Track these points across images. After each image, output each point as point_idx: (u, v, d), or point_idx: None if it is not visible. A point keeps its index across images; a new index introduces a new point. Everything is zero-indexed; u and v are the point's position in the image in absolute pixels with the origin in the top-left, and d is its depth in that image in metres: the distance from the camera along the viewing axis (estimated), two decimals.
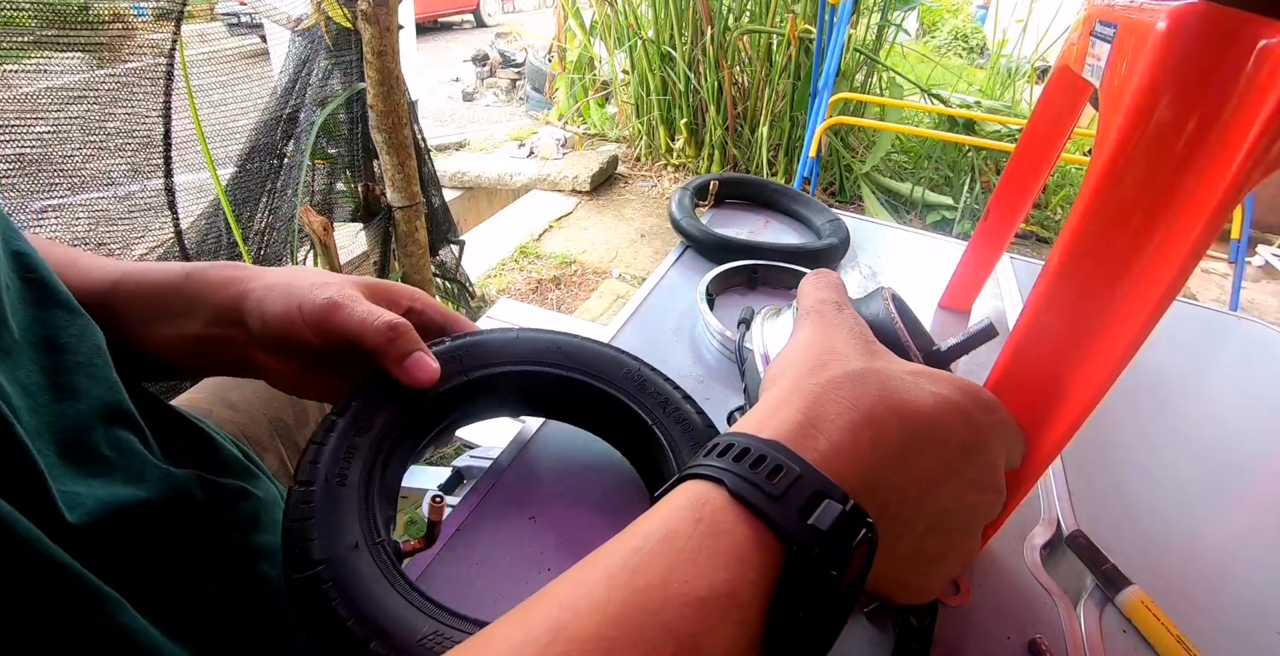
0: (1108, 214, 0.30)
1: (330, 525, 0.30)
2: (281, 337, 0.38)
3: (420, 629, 0.28)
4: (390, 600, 0.28)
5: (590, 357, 0.42)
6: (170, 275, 0.40)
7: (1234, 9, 0.25)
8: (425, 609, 0.29)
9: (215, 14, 1.41)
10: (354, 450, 0.34)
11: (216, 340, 0.40)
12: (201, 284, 0.40)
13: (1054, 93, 0.52)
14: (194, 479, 0.38)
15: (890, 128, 2.73)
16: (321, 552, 0.29)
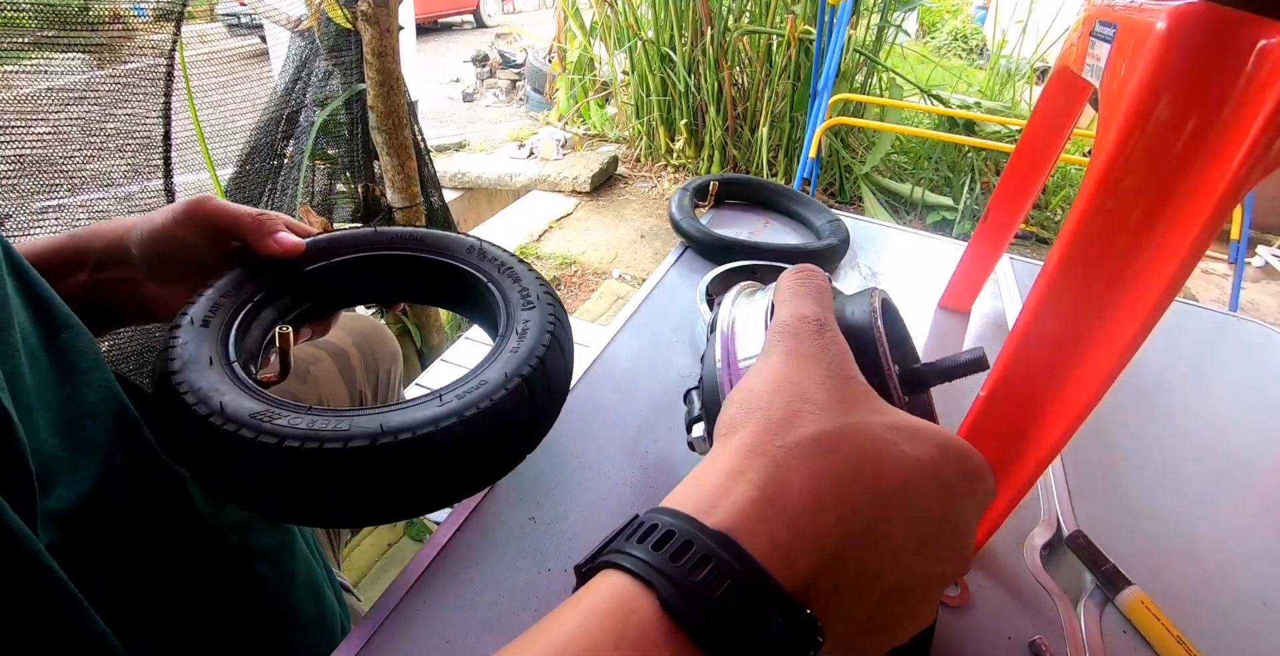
0: (1107, 214, 0.30)
1: (191, 347, 0.36)
2: (162, 251, 0.42)
3: (253, 408, 0.33)
4: (229, 391, 0.34)
5: (437, 239, 0.47)
6: (53, 240, 0.44)
7: (1233, 9, 0.26)
8: (261, 396, 0.34)
9: (215, 15, 1.41)
10: (218, 307, 0.39)
11: (106, 284, 0.43)
12: (80, 238, 0.43)
13: (1054, 93, 0.52)
14: (188, 477, 0.38)
15: (890, 128, 2.73)
16: (179, 365, 0.35)
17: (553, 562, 0.40)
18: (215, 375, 0.35)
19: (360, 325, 0.75)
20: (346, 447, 0.32)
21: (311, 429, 0.32)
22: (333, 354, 0.68)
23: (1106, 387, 0.31)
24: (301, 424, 0.32)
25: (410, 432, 0.32)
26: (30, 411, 0.31)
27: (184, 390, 0.33)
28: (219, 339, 0.38)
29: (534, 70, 4.22)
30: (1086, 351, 0.32)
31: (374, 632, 0.36)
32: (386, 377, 0.75)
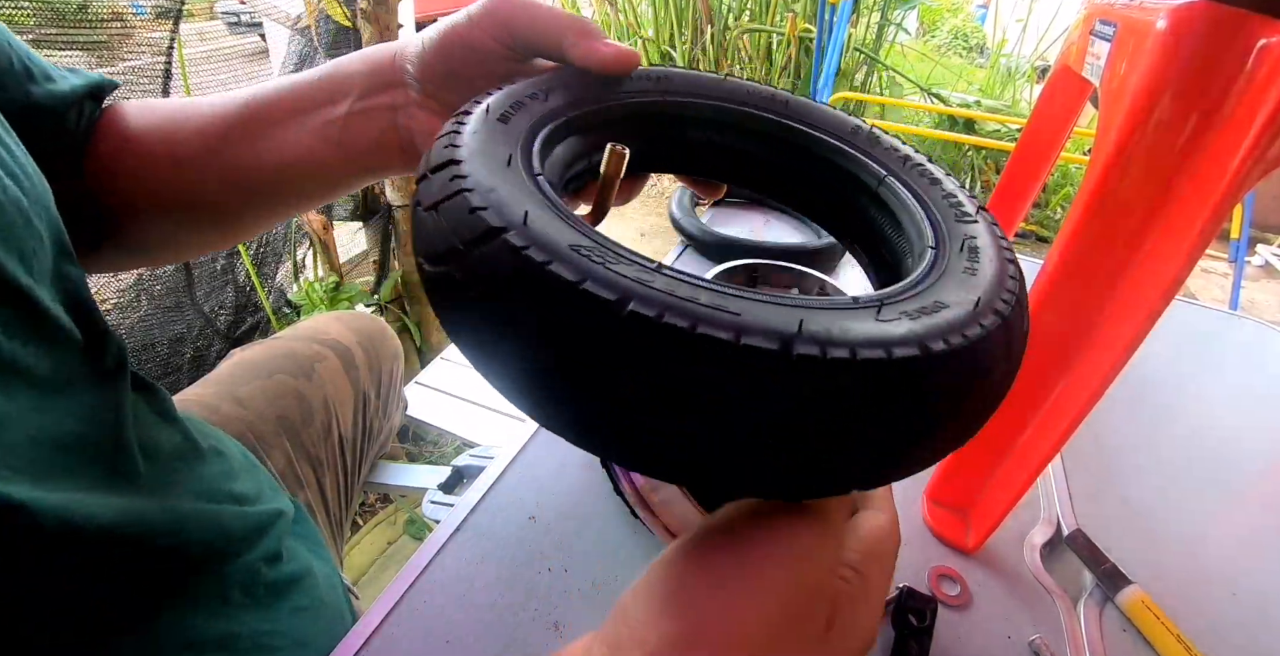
0: (1107, 213, 0.30)
1: (482, 139, 0.24)
2: (446, 62, 0.34)
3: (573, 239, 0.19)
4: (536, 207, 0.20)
5: (808, 108, 0.34)
6: (309, 73, 0.38)
7: (1234, 8, 0.25)
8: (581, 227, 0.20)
9: (215, 13, 1.41)
10: (520, 106, 0.27)
11: (366, 114, 0.37)
12: (349, 61, 0.37)
13: (1054, 92, 0.51)
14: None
15: (890, 127, 2.73)
16: (466, 168, 0.22)
17: (553, 562, 0.40)
18: (515, 180, 0.22)
19: (363, 323, 0.75)
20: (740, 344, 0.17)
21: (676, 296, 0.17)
22: (338, 352, 0.68)
23: (1106, 386, 0.31)
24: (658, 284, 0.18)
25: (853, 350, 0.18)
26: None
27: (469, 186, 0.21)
28: (522, 141, 0.25)
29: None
30: (1086, 350, 0.32)
31: (373, 632, 0.36)
32: (389, 377, 0.75)
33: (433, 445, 1.48)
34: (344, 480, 0.65)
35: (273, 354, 0.65)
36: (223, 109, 0.39)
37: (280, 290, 1.45)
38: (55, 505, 0.27)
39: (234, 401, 0.59)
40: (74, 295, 0.31)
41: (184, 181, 0.40)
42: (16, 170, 0.30)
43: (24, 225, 0.28)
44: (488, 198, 0.20)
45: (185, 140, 0.39)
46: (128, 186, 0.41)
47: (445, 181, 0.21)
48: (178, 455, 0.39)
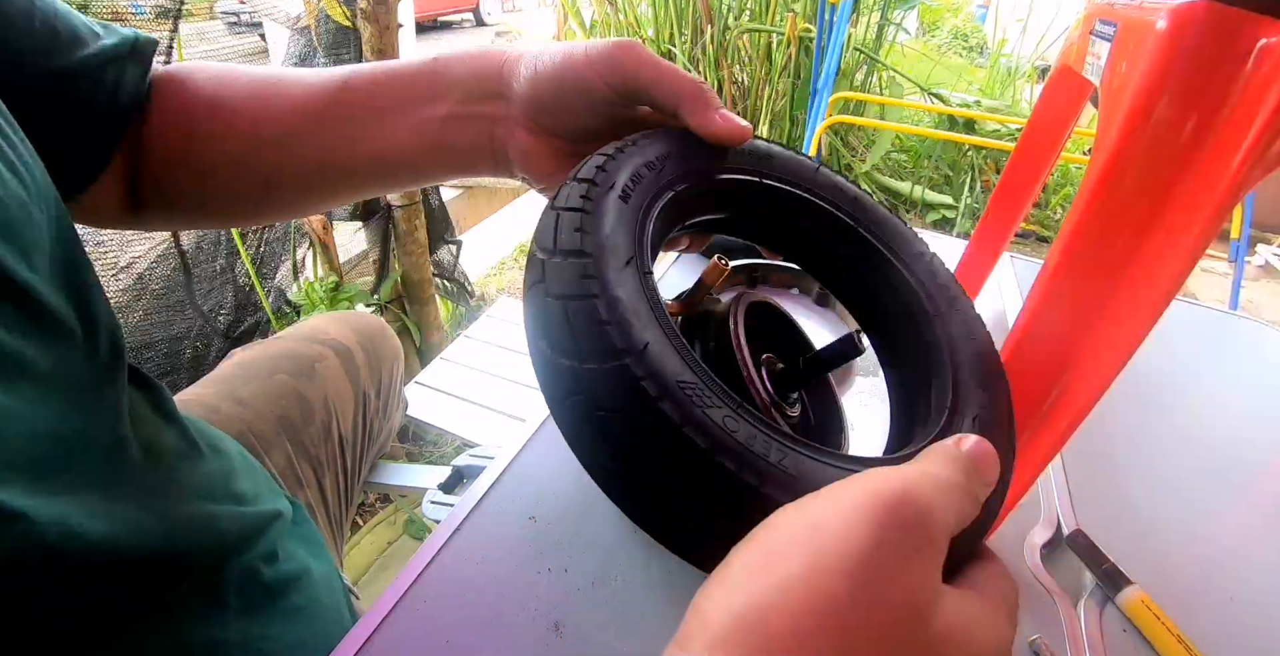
0: (1107, 213, 0.30)
1: (606, 227, 0.25)
2: (556, 93, 0.34)
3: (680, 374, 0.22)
4: (649, 326, 0.23)
5: (885, 222, 0.35)
6: (410, 63, 0.38)
7: (1234, 8, 0.25)
8: (688, 354, 0.23)
9: (215, 13, 1.41)
10: (640, 179, 0.28)
11: (464, 120, 0.37)
12: (454, 63, 0.37)
13: (1054, 92, 0.51)
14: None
15: (890, 127, 2.72)
16: (593, 248, 0.24)
17: (553, 562, 0.40)
18: (633, 286, 0.23)
19: (364, 323, 0.75)
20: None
21: (752, 451, 0.21)
22: (338, 351, 0.68)
23: (1106, 386, 0.31)
24: (740, 435, 0.21)
25: None
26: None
27: (596, 291, 0.22)
28: (636, 229, 0.26)
29: None
30: (1086, 350, 0.32)
31: (373, 632, 0.36)
32: (389, 377, 0.75)
33: (433, 445, 1.48)
34: (344, 480, 0.65)
35: (273, 354, 0.65)
36: (319, 89, 0.38)
37: (280, 290, 1.45)
38: (55, 515, 0.27)
39: (234, 401, 0.59)
40: (78, 288, 0.31)
41: (267, 158, 0.40)
42: (16, 162, 0.29)
43: (25, 219, 0.28)
44: (614, 312, 0.22)
45: (274, 117, 0.39)
46: (201, 155, 0.40)
47: (575, 277, 0.23)
48: (178, 454, 0.39)
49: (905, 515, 0.19)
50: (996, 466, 0.23)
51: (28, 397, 0.27)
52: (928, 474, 0.21)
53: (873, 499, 0.19)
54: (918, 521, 0.19)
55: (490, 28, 6.87)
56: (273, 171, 0.40)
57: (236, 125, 0.39)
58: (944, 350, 0.31)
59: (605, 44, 0.33)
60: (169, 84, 0.40)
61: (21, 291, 0.27)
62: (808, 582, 0.18)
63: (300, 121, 0.38)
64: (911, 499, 0.19)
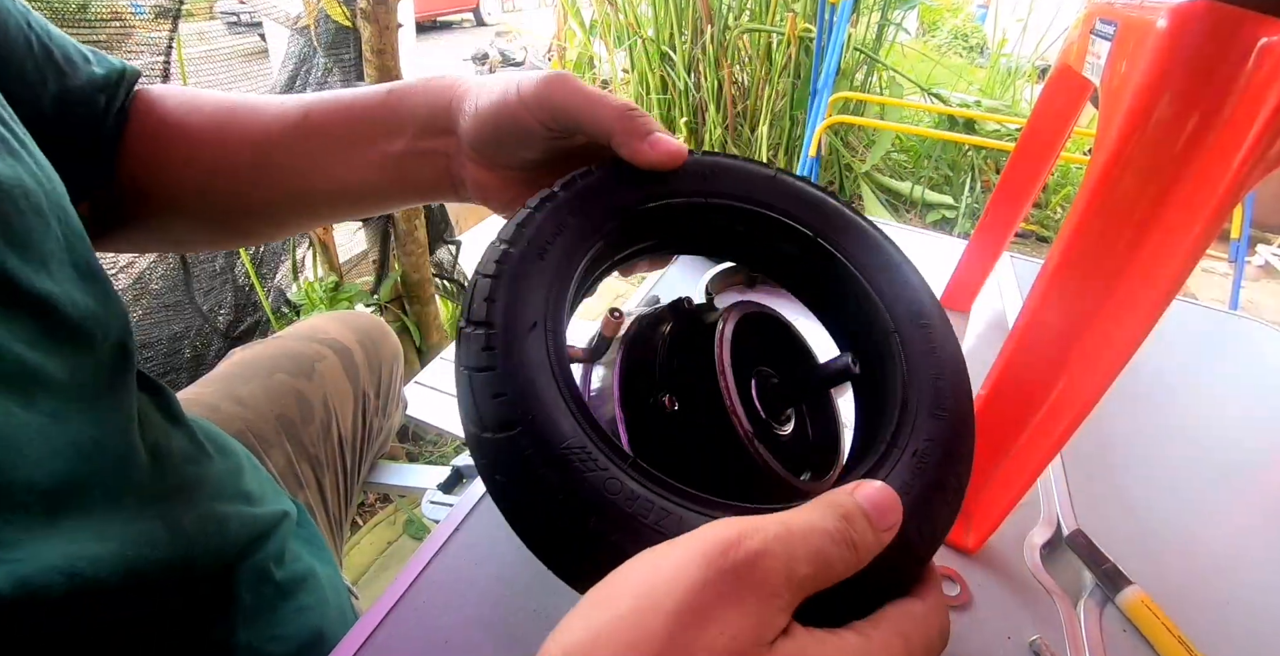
0: (1108, 213, 0.30)
1: (515, 292, 0.26)
2: (494, 132, 0.34)
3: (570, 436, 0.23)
4: (549, 392, 0.24)
5: (848, 226, 0.33)
6: (368, 96, 0.38)
7: (1234, 7, 0.25)
8: (583, 416, 0.24)
9: (214, 12, 1.41)
10: (564, 227, 0.28)
11: (421, 155, 0.37)
12: (408, 96, 0.38)
13: (1054, 92, 0.51)
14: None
15: (890, 127, 2.72)
16: (499, 317, 0.25)
17: None
18: (534, 350, 0.25)
19: (363, 322, 0.74)
20: None
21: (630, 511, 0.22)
22: (337, 351, 0.68)
23: (1106, 386, 0.31)
24: (619, 499, 0.22)
25: None
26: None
27: (495, 364, 0.24)
28: (552, 286, 0.27)
29: (533, 68, 4.22)
30: (1086, 350, 0.32)
31: (373, 631, 0.36)
32: (389, 376, 0.75)
33: (432, 445, 1.47)
34: (343, 480, 0.65)
35: (272, 353, 0.65)
36: (279, 120, 0.39)
37: (280, 289, 1.45)
38: (61, 561, 0.27)
39: (234, 401, 0.59)
40: (92, 293, 0.31)
41: (229, 186, 0.40)
42: (37, 171, 0.29)
43: (43, 229, 0.28)
44: (509, 383, 0.24)
45: (236, 145, 0.39)
46: (165, 181, 0.40)
47: (479, 349, 0.24)
48: (186, 457, 0.39)
49: (735, 559, 0.19)
50: (896, 512, 0.22)
51: (46, 411, 0.27)
52: (783, 521, 0.21)
53: (706, 543, 0.19)
54: (748, 566, 0.19)
55: (490, 28, 6.87)
56: (236, 199, 0.41)
57: (200, 153, 0.40)
58: (899, 372, 0.29)
59: (535, 79, 0.33)
60: (141, 107, 0.40)
61: (41, 302, 0.27)
62: (632, 620, 0.18)
63: (261, 152, 0.39)
64: (743, 545, 0.19)
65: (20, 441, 0.26)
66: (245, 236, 0.46)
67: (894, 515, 0.22)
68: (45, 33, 0.35)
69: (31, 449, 0.26)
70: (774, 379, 0.32)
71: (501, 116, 0.34)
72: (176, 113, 0.40)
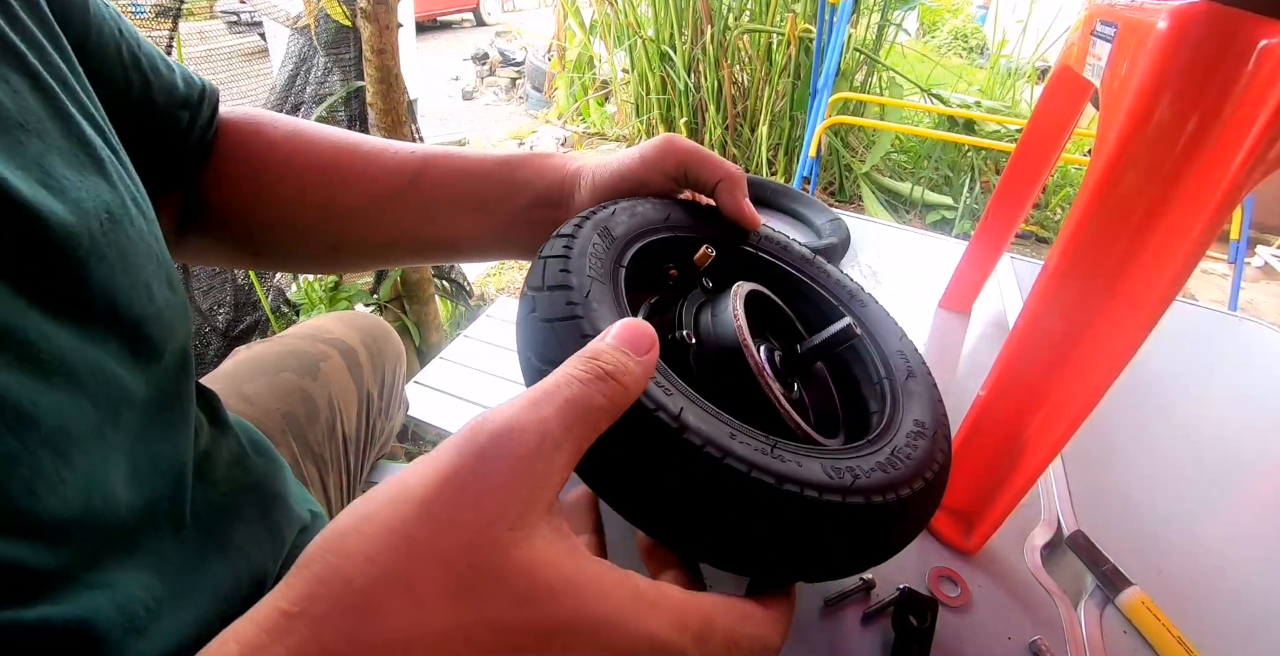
0: (1108, 214, 0.30)
1: (583, 266, 0.29)
2: (608, 197, 0.38)
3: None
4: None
5: (882, 330, 0.38)
6: (483, 162, 0.41)
7: (1235, 9, 0.25)
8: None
9: (214, 12, 1.41)
10: (613, 227, 0.33)
11: (531, 223, 0.40)
12: (522, 167, 0.41)
13: (1054, 92, 0.51)
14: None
15: (890, 127, 2.73)
16: (576, 295, 0.27)
17: None
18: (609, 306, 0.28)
19: (366, 323, 0.74)
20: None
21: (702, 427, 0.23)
22: (342, 351, 0.68)
23: (1107, 387, 0.31)
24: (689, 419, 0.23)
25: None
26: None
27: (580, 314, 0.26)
28: (613, 261, 0.31)
29: (534, 68, 4.22)
30: (1087, 351, 0.32)
31: None
32: (391, 377, 0.75)
33: (432, 445, 1.47)
34: (347, 479, 0.65)
35: (278, 352, 0.65)
36: (395, 174, 0.41)
37: (279, 289, 1.45)
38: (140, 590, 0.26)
39: (240, 398, 0.59)
40: (174, 305, 0.31)
41: (336, 228, 0.42)
42: (137, 194, 0.29)
43: (145, 253, 0.28)
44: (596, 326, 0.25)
45: (348, 193, 0.41)
46: (268, 212, 0.42)
47: (561, 303, 0.27)
48: (234, 461, 0.39)
49: (479, 440, 0.19)
50: (649, 338, 0.23)
51: (132, 429, 0.27)
52: (524, 396, 0.21)
53: (455, 438, 0.20)
54: (495, 444, 0.19)
55: (490, 27, 6.87)
56: (339, 240, 0.43)
57: (309, 194, 0.41)
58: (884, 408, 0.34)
59: (655, 143, 0.38)
60: (242, 131, 0.42)
61: (135, 327, 0.27)
62: (387, 511, 0.18)
63: (374, 203, 0.41)
64: (487, 424, 0.20)
65: (110, 463, 0.25)
66: (341, 269, 0.49)
67: (647, 340, 0.23)
68: (135, 41, 0.36)
69: (119, 470, 0.26)
70: (776, 351, 0.34)
71: (623, 183, 0.38)
72: (283, 147, 0.42)
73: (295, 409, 0.61)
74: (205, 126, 0.40)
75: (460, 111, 4.51)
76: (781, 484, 0.23)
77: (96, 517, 0.24)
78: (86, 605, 0.23)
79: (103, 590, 0.24)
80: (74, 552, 0.23)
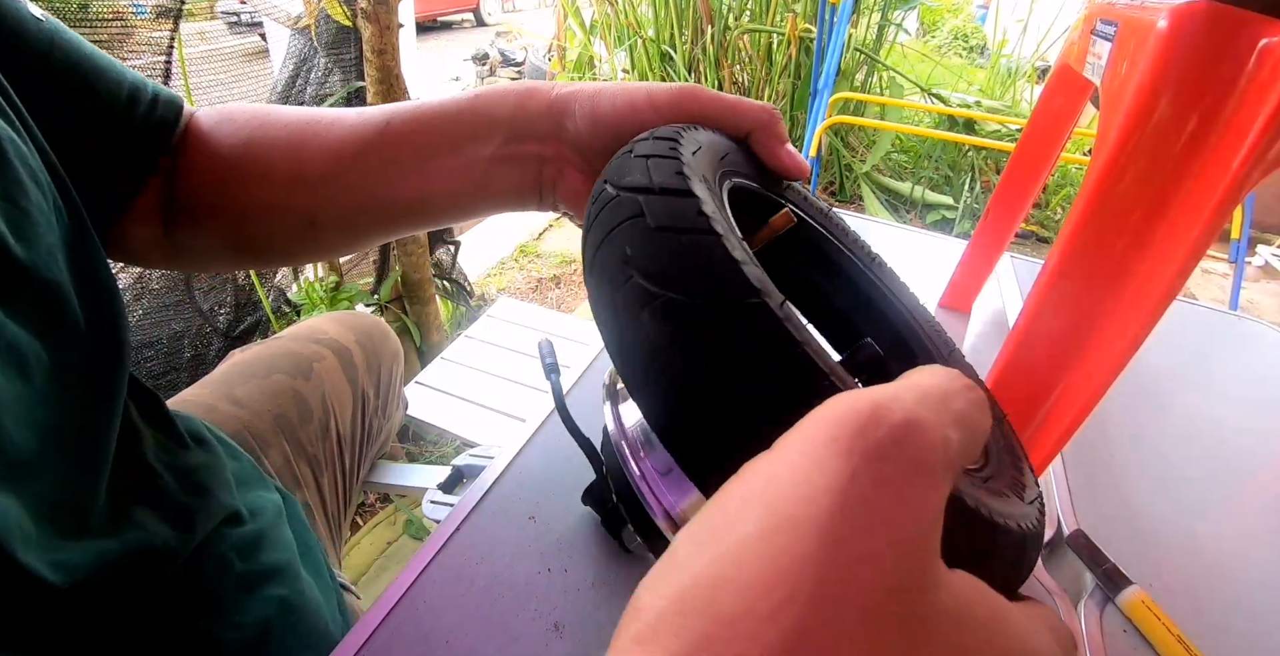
0: (1108, 213, 0.30)
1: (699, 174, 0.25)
2: (615, 139, 0.33)
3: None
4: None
5: (894, 281, 0.37)
6: (452, 101, 0.37)
7: (1235, 8, 0.25)
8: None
9: (215, 12, 1.41)
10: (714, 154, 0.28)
11: (510, 160, 0.36)
12: (497, 100, 0.36)
13: (1054, 92, 0.51)
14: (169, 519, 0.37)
15: (890, 127, 2.73)
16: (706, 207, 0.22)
17: (553, 562, 0.40)
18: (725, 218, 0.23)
19: (362, 322, 0.74)
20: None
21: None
22: (336, 351, 0.68)
23: (1107, 386, 0.31)
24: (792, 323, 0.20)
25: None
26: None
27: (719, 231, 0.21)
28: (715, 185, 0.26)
29: (534, 68, 4.22)
30: (1087, 350, 0.32)
31: (373, 632, 0.36)
32: (389, 377, 0.75)
33: (432, 445, 1.47)
34: (342, 479, 0.65)
35: (270, 354, 0.65)
36: (359, 131, 0.38)
37: (280, 289, 1.45)
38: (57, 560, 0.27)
39: (230, 401, 0.59)
40: (95, 287, 0.32)
41: (306, 201, 0.40)
42: (38, 171, 0.30)
43: (47, 225, 0.29)
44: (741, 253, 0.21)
45: (313, 160, 0.39)
46: (235, 199, 0.40)
47: (693, 214, 0.21)
48: (160, 447, 0.40)
49: (880, 438, 0.14)
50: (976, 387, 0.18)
51: (37, 390, 0.28)
52: (909, 385, 0.16)
53: (835, 428, 0.14)
54: (898, 442, 0.14)
55: (491, 27, 6.87)
56: (312, 214, 0.40)
57: (274, 170, 0.39)
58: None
59: (670, 90, 0.33)
60: (209, 123, 0.40)
61: (42, 290, 0.28)
62: (767, 543, 0.13)
63: (341, 164, 0.38)
64: (886, 418, 0.14)
65: (9, 405, 0.26)
66: (323, 250, 0.45)
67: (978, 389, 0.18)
68: (73, 45, 0.36)
69: (17, 414, 0.27)
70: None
71: (629, 122, 0.33)
72: (244, 130, 0.40)
73: (287, 410, 0.61)
74: (168, 107, 0.39)
75: None
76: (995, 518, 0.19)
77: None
78: None
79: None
80: None
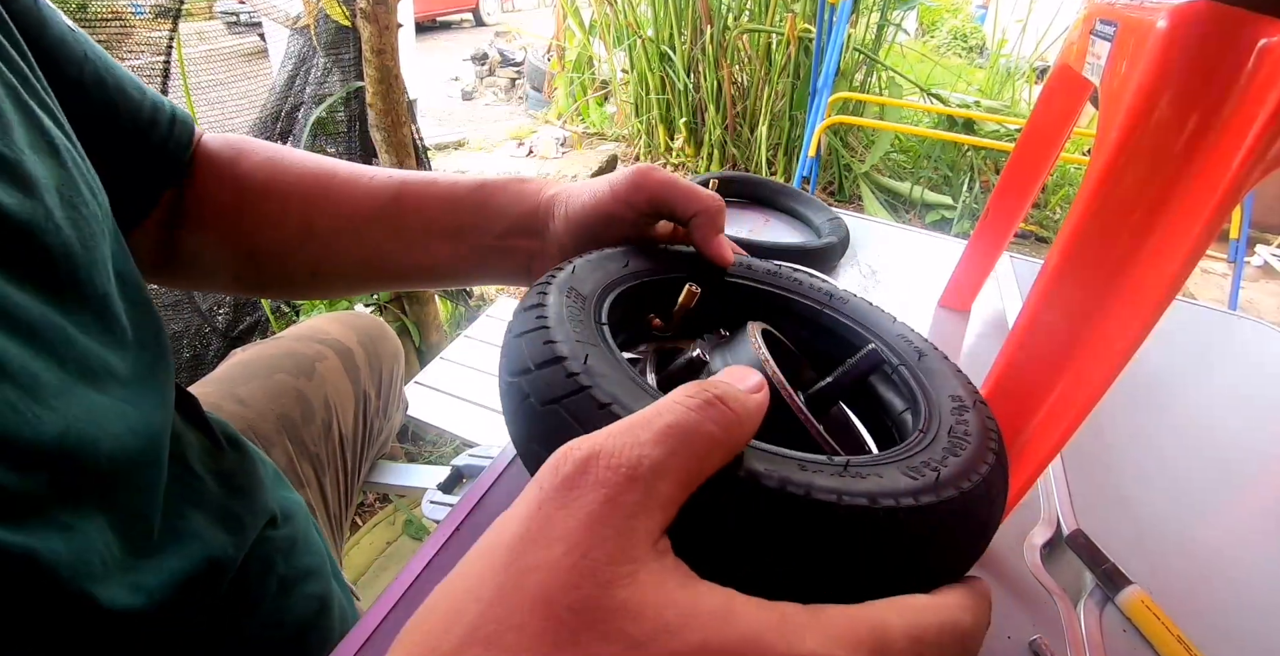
0: (1107, 213, 0.30)
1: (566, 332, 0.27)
2: (586, 229, 0.38)
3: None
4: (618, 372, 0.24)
5: (874, 320, 0.37)
6: (461, 186, 0.42)
7: (1234, 8, 0.25)
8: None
9: (214, 12, 1.41)
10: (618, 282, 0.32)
11: (504, 252, 0.41)
12: (496, 195, 0.41)
13: (1054, 92, 0.51)
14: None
15: (889, 127, 2.73)
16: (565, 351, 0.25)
17: None
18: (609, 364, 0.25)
19: (364, 322, 0.74)
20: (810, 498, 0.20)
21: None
22: (338, 351, 0.68)
23: (1107, 386, 0.31)
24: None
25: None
26: None
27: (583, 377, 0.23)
28: (593, 319, 0.29)
29: (533, 68, 4.22)
30: (1086, 350, 0.32)
31: (373, 631, 0.36)
32: (389, 376, 0.75)
33: (432, 445, 1.47)
34: (344, 479, 0.65)
35: (273, 353, 0.65)
36: (372, 196, 0.42)
37: None
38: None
39: (234, 400, 0.59)
40: (135, 296, 0.33)
41: (315, 251, 0.43)
42: (95, 185, 0.31)
43: (100, 233, 0.30)
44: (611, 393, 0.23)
45: (326, 216, 0.42)
46: (249, 236, 0.43)
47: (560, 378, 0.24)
48: (204, 450, 0.40)
49: (569, 471, 0.17)
50: (756, 374, 0.21)
51: (118, 397, 0.29)
52: (618, 422, 0.19)
53: (542, 472, 0.18)
54: (585, 469, 0.17)
55: (490, 27, 6.87)
56: (319, 264, 0.44)
57: (289, 217, 0.42)
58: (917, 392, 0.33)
59: (627, 175, 0.37)
60: (223, 155, 0.42)
61: (102, 302, 0.30)
62: (469, 566, 0.17)
63: (352, 224, 0.42)
64: (573, 451, 0.17)
65: (96, 416, 0.27)
66: (323, 293, 0.52)
67: (754, 376, 0.21)
68: (103, 62, 0.37)
69: (104, 424, 0.27)
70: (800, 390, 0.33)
71: (594, 215, 0.38)
72: (263, 169, 0.42)
73: (290, 410, 0.61)
74: (185, 130, 0.41)
75: (460, 112, 4.51)
76: (876, 502, 0.20)
77: (71, 456, 0.25)
78: (43, 538, 0.24)
79: (62, 530, 0.25)
80: (44, 483, 0.24)
